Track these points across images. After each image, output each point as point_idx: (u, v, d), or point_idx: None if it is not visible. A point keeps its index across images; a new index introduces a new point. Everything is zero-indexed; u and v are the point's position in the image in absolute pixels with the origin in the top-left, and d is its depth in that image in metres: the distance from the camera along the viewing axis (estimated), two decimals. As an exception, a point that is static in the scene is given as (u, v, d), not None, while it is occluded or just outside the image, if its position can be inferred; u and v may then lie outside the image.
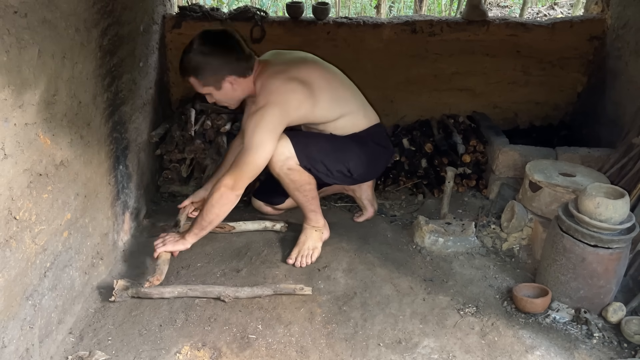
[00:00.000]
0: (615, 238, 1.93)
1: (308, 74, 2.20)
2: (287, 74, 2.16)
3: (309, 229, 2.39)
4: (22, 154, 1.50)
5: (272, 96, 2.09)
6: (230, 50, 2.11)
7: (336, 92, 2.29)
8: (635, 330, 1.92)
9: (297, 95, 2.14)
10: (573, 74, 3.32)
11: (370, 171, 2.48)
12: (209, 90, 2.15)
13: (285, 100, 2.11)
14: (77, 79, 1.84)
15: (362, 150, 2.36)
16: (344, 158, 2.32)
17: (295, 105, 2.14)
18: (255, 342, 1.88)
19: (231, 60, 2.10)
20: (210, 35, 2.12)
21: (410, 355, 1.84)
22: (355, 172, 2.37)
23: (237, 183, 2.07)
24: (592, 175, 2.43)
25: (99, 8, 1.99)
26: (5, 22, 1.38)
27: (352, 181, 2.46)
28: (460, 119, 3.25)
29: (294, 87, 2.13)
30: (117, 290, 2.03)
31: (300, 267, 2.29)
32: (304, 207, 2.36)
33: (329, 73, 2.32)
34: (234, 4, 5.31)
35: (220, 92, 2.16)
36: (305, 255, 2.32)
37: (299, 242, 2.37)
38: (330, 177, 2.34)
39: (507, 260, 2.39)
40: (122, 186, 2.34)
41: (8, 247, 1.46)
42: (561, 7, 5.77)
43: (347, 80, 2.40)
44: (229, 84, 2.13)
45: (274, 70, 2.17)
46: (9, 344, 1.49)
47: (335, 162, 2.30)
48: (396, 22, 3.17)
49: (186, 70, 2.11)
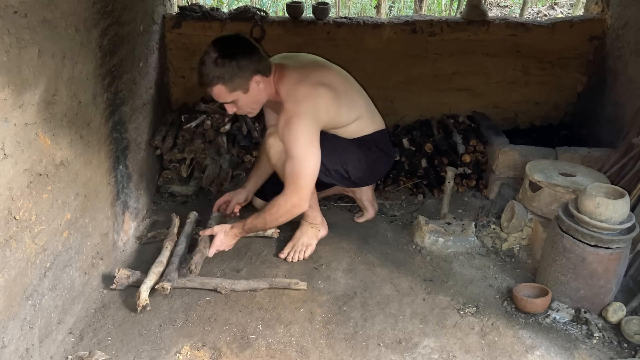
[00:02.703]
0: (615, 238, 1.93)
1: (329, 78, 2.20)
2: (312, 78, 2.15)
3: (305, 225, 2.40)
4: (22, 154, 1.50)
5: (303, 104, 2.08)
6: (251, 50, 2.07)
7: (352, 95, 2.30)
8: (635, 330, 1.92)
9: (325, 100, 2.14)
10: (573, 74, 3.32)
11: (369, 175, 2.48)
12: (236, 96, 2.08)
13: (315, 106, 2.10)
14: (77, 79, 1.84)
15: (364, 154, 2.37)
16: (344, 159, 2.32)
17: (325, 110, 2.15)
18: (255, 342, 1.88)
19: (255, 59, 2.06)
20: (226, 41, 2.06)
21: (410, 355, 1.84)
22: (354, 175, 2.37)
23: (303, 197, 2.12)
24: (592, 175, 2.43)
25: (99, 8, 1.99)
26: (5, 22, 1.38)
27: (350, 183, 2.46)
28: (460, 119, 3.25)
29: (321, 92, 2.13)
30: (118, 278, 2.06)
31: (291, 262, 2.31)
32: None
33: (343, 76, 2.33)
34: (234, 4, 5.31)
35: (248, 95, 2.10)
36: (298, 250, 2.33)
37: (294, 238, 2.39)
38: (328, 176, 2.34)
39: (507, 260, 2.39)
40: (122, 186, 2.34)
41: (8, 247, 1.46)
42: (561, 7, 5.77)
43: (356, 84, 2.41)
44: (255, 84, 2.08)
45: (297, 75, 2.15)
46: (9, 344, 1.49)
47: (333, 161, 2.30)
48: (396, 22, 3.17)
49: (212, 79, 2.01)
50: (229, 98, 2.08)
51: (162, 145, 2.79)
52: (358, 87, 2.40)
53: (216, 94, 2.07)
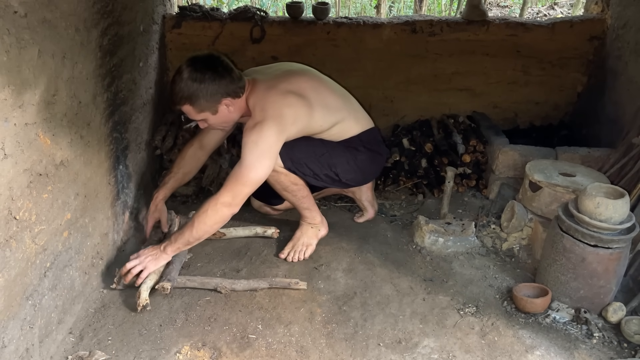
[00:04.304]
0: (615, 238, 1.93)
1: (299, 86, 2.18)
2: (280, 87, 2.14)
3: (304, 226, 2.40)
4: (22, 154, 1.50)
5: (269, 111, 2.07)
6: (223, 73, 2.06)
7: (327, 101, 2.27)
8: (635, 330, 1.92)
9: (294, 110, 2.12)
10: (573, 74, 3.32)
11: (361, 176, 2.46)
12: (204, 116, 2.10)
13: (281, 114, 2.08)
14: (77, 79, 1.84)
15: (352, 155, 2.36)
16: (331, 163, 2.32)
17: (292, 120, 2.11)
18: (255, 342, 1.88)
19: (225, 82, 2.06)
20: (199, 61, 2.05)
21: (410, 355, 1.84)
22: (344, 177, 2.37)
23: (235, 200, 2.03)
24: (592, 175, 2.43)
25: (99, 8, 1.99)
26: (5, 22, 1.38)
27: (343, 185, 2.46)
28: (460, 119, 3.25)
29: (290, 101, 2.11)
30: (117, 278, 2.07)
31: (292, 262, 2.31)
32: (297, 206, 2.38)
33: (318, 82, 2.30)
34: (234, 4, 5.31)
35: (217, 116, 2.11)
36: (299, 251, 2.34)
37: (294, 238, 2.39)
38: (320, 181, 2.35)
39: (507, 260, 2.39)
40: (122, 186, 2.34)
41: (8, 247, 1.46)
42: (561, 7, 5.77)
43: (336, 87, 2.39)
44: (224, 106, 2.09)
45: (266, 86, 2.15)
46: (9, 343, 1.49)
47: (321, 166, 2.30)
48: (396, 22, 3.17)
49: (180, 99, 2.04)
50: (198, 117, 2.11)
51: (162, 145, 2.79)
52: (339, 90, 2.39)
53: (186, 111, 2.10)
